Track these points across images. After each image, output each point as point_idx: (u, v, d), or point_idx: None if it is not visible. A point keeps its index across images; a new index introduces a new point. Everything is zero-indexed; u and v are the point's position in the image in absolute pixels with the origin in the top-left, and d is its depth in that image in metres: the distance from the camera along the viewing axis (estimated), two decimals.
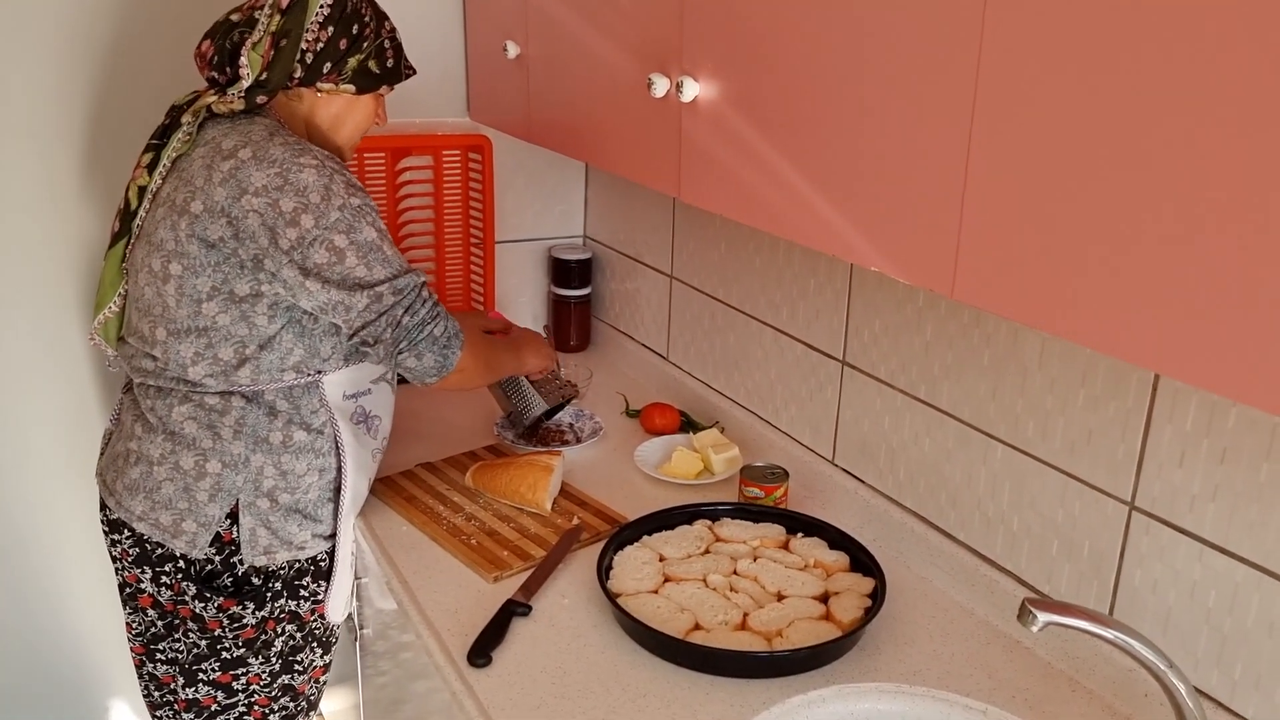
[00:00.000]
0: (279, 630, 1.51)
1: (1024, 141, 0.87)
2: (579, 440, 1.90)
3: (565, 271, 2.34)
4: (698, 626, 1.33)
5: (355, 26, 1.47)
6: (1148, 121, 0.76)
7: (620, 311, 2.34)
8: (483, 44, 2.07)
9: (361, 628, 1.83)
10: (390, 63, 1.53)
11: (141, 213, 1.46)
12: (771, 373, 1.84)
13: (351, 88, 1.49)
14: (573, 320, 2.36)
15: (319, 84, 1.47)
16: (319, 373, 1.45)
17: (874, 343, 1.59)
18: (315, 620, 1.57)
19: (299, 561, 1.50)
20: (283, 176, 1.34)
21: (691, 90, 1.28)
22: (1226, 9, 0.69)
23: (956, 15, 0.91)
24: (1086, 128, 0.81)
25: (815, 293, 1.70)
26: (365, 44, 1.48)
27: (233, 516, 1.44)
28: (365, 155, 2.11)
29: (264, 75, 1.43)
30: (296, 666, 1.57)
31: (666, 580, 1.42)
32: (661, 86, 1.33)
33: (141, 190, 1.46)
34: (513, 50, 1.86)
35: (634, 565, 1.44)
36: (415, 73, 1.60)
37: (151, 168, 1.45)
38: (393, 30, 1.54)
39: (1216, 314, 0.73)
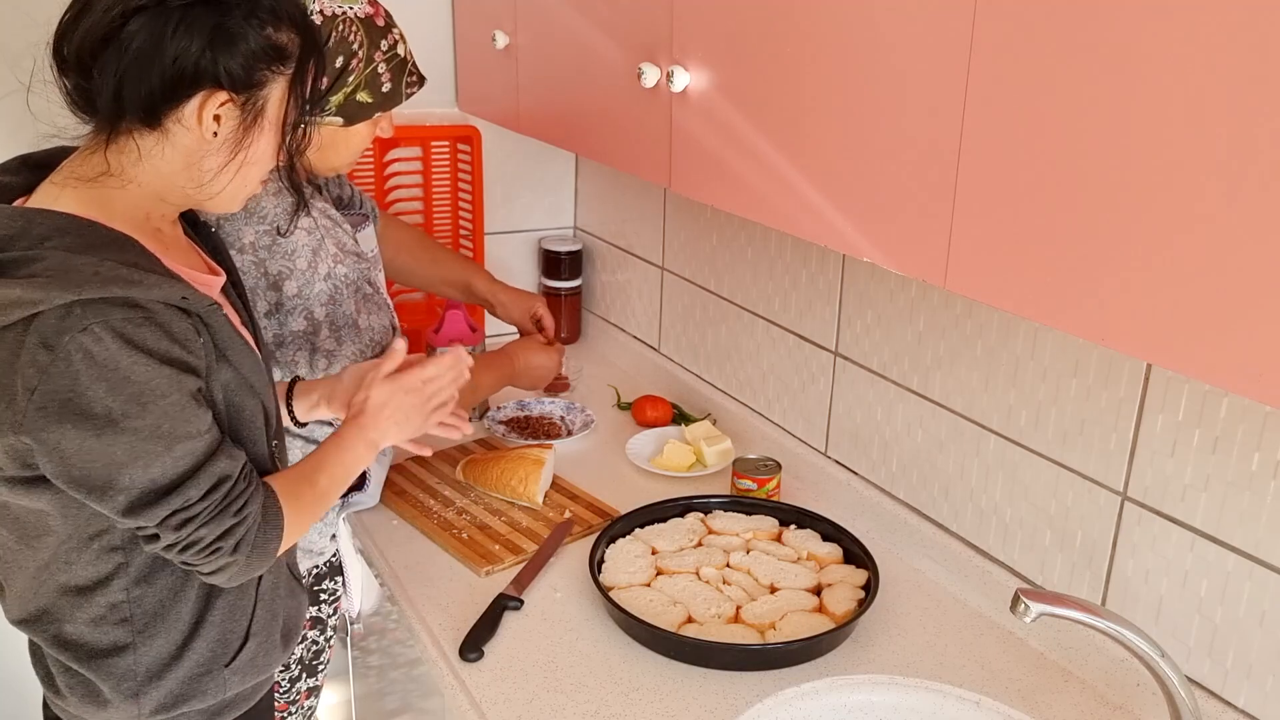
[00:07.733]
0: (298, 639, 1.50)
1: (1016, 132, 0.86)
2: (570, 433, 1.90)
3: (555, 263, 2.33)
4: (690, 619, 1.33)
5: (340, 59, 1.32)
6: (1137, 113, 0.76)
7: (611, 303, 2.34)
8: (471, 34, 2.06)
9: (353, 623, 1.83)
10: (387, 86, 1.37)
11: None
12: (764, 364, 1.84)
13: (338, 120, 1.36)
14: (563, 312, 2.35)
15: None
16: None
17: (866, 334, 1.58)
18: (336, 618, 1.56)
19: (317, 567, 1.49)
20: (272, 235, 1.30)
21: (682, 80, 1.27)
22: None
23: (949, 5, 0.90)
24: (1077, 119, 0.80)
25: (807, 284, 1.69)
26: (352, 77, 1.34)
27: None
28: None
29: None
30: (320, 667, 1.56)
31: (659, 573, 1.42)
32: (652, 76, 1.33)
33: None
34: (501, 40, 1.85)
35: (626, 558, 1.43)
36: (422, 84, 1.44)
37: None
38: (394, 46, 1.38)
39: (1208, 303, 0.73)
